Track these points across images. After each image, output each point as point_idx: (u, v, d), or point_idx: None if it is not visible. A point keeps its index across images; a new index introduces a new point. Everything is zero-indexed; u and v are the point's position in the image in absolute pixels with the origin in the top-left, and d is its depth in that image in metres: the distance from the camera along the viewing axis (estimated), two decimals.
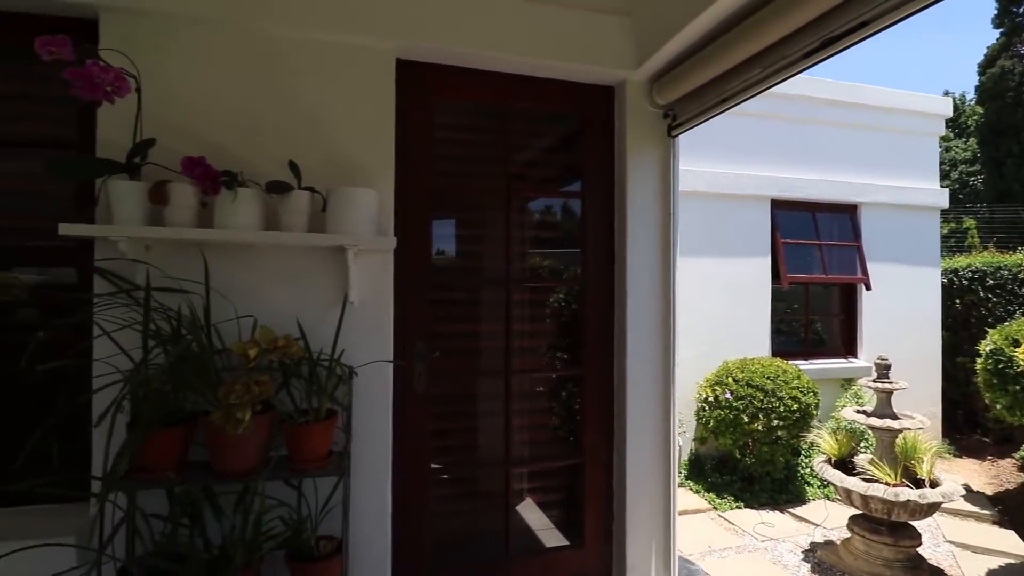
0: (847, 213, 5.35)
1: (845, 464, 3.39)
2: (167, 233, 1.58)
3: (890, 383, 3.39)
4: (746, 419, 4.09)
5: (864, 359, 5.25)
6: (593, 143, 2.31)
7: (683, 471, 4.57)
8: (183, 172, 1.60)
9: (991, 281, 5.85)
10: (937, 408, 5.53)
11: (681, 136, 2.31)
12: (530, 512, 2.55)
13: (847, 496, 3.15)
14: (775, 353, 4.96)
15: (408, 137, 2.06)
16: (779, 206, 5.08)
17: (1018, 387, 3.79)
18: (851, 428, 4.37)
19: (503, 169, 2.26)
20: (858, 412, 3.54)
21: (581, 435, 2.31)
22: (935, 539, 3.68)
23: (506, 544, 2.18)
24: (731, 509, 4.11)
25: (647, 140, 2.29)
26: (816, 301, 5.54)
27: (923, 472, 3.08)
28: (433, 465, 2.14)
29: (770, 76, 1.82)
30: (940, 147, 9.95)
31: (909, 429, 3.21)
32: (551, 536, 2.45)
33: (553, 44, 2.11)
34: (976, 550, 3.54)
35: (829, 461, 3.40)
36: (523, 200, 2.35)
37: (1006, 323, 4.42)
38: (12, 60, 1.89)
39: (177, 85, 1.79)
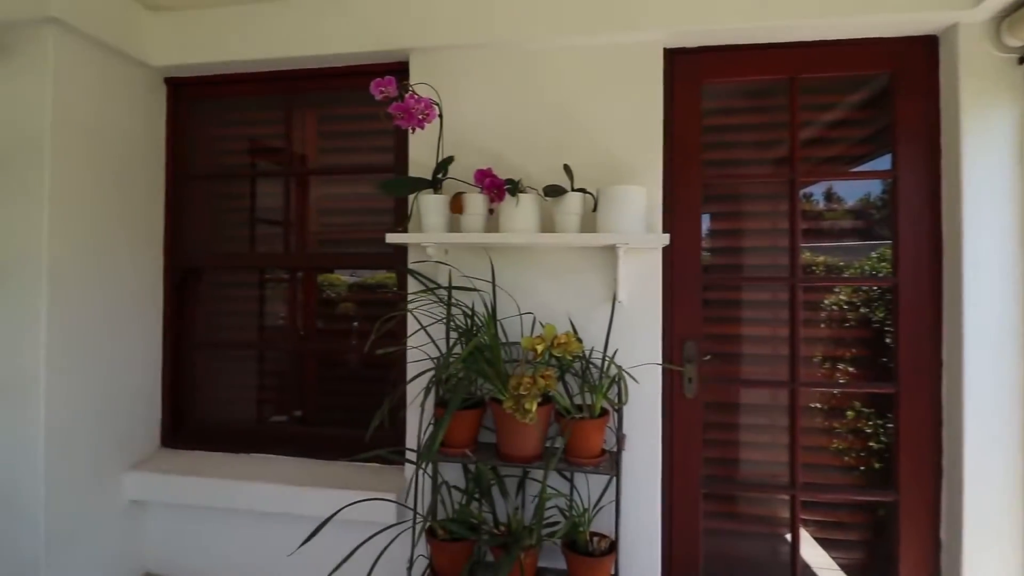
0: None
1: None
2: (464, 238, 1.78)
3: None
4: None
5: None
6: (907, 109, 1.88)
7: None
8: (475, 183, 1.79)
9: None
10: None
11: None
12: (806, 547, 2.20)
13: None
14: None
15: (675, 129, 1.97)
16: None
17: None
18: None
19: (776, 152, 1.99)
20: None
21: (893, 466, 1.90)
22: None
23: None
24: None
25: (992, 97, 1.77)
26: None
27: None
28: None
29: None
30: None
31: None
32: None
33: None
34: None
35: None
36: (799, 186, 2.04)
37: None
38: (346, 105, 2.38)
39: (465, 106, 2.00)
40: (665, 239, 1.73)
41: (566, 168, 1.79)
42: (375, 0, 2.05)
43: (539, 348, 1.51)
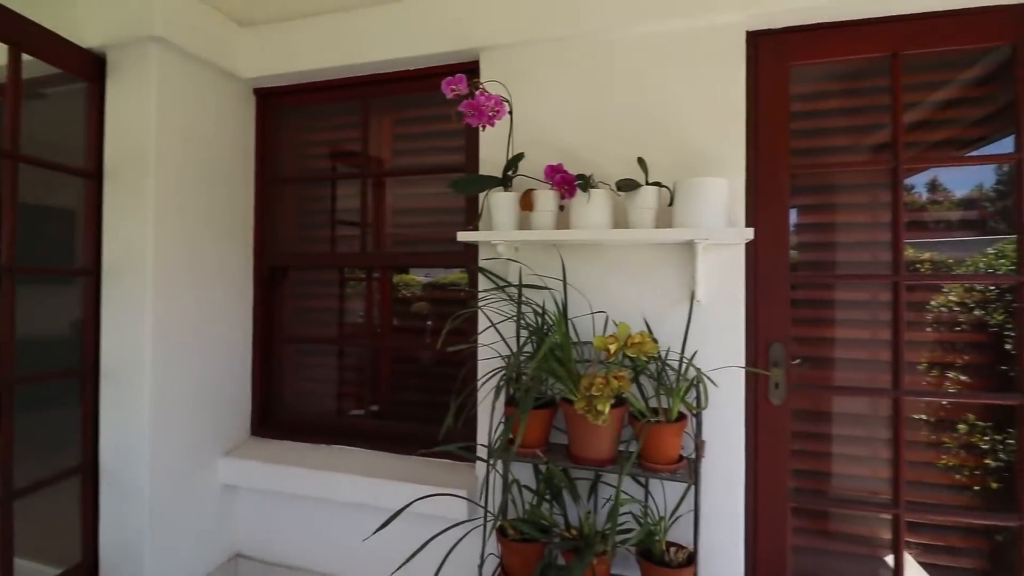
0: None
1: None
2: (534, 235, 1.75)
3: None
4: None
5: None
6: None
7: None
8: (545, 179, 1.76)
9: None
10: None
11: None
12: (911, 572, 1.99)
13: None
14: None
15: (759, 116, 1.84)
16: None
17: None
18: None
19: (875, 137, 1.82)
20: None
21: (1015, 487, 1.68)
22: None
23: None
24: None
25: None
26: None
27: None
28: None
29: None
30: None
31: None
32: None
33: None
34: None
35: None
36: (903, 174, 1.84)
37: None
38: (419, 107, 2.42)
39: (536, 102, 1.98)
40: (748, 234, 1.62)
41: (640, 161, 1.72)
42: (447, 3, 2.08)
43: (612, 348, 1.46)
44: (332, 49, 2.25)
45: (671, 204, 1.71)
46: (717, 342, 1.76)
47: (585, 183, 1.71)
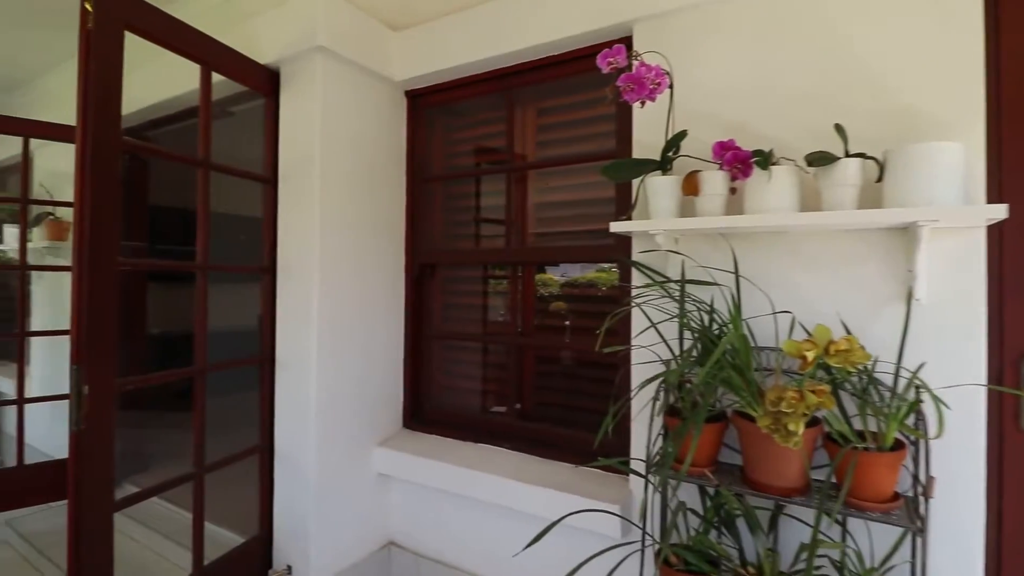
0: None
1: None
2: (702, 223, 1.53)
3: None
4: None
5: None
6: None
7: None
8: (713, 158, 1.53)
9: None
10: None
11: None
12: None
13: None
14: None
15: (1004, 62, 1.42)
16: None
17: None
18: None
19: None
20: None
21: None
22: None
23: None
24: None
25: None
26: None
27: None
28: None
29: None
30: None
31: None
32: None
33: None
34: None
35: None
36: None
37: None
38: (563, 95, 2.29)
39: (699, 73, 1.75)
40: (996, 211, 1.24)
41: (838, 128, 1.41)
42: None
43: (809, 355, 1.19)
44: (476, 42, 2.22)
45: (879, 180, 1.38)
46: (945, 353, 1.39)
47: (764, 160, 1.45)
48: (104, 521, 1.66)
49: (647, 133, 1.82)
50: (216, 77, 2.03)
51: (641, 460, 1.66)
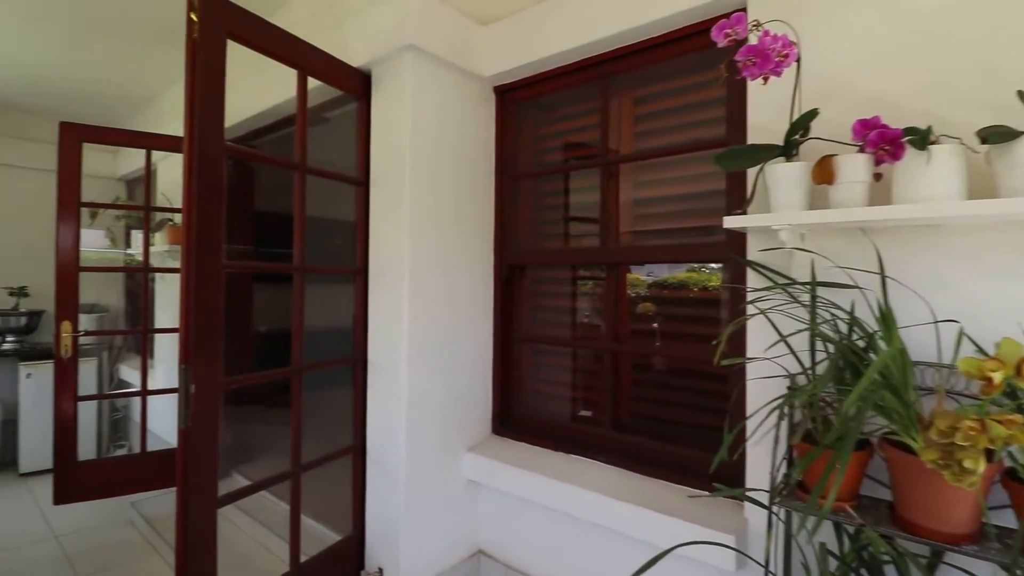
0: None
1: None
2: (837, 216, 1.31)
3: None
4: None
5: None
6: None
7: None
8: (853, 138, 1.31)
9: None
10: None
11: None
12: None
13: None
14: None
15: None
16: None
17: None
18: None
19: None
20: None
21: None
22: None
23: None
24: None
25: None
26: None
27: None
28: None
29: None
30: None
31: None
32: None
33: None
34: None
35: None
36: None
37: None
38: (663, 81, 2.11)
39: (832, 42, 1.52)
40: None
41: (1021, 95, 1.15)
42: None
43: (996, 377, 0.96)
44: (569, 29, 2.10)
45: None
46: None
47: (921, 138, 1.21)
48: (208, 515, 1.71)
49: (765, 115, 1.62)
50: (313, 83, 2.06)
51: (764, 491, 1.45)
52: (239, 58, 1.73)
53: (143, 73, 3.48)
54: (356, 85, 2.23)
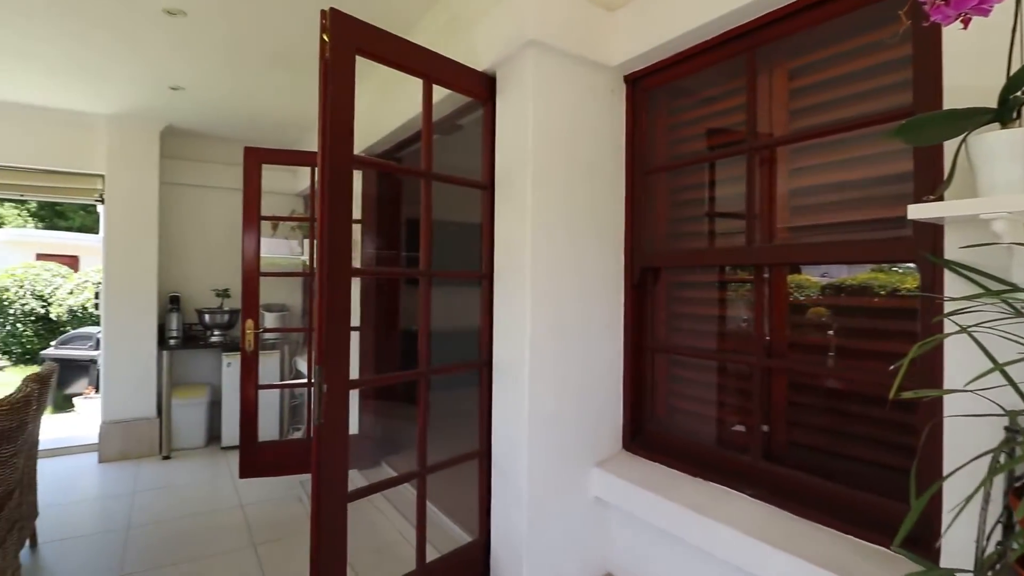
0: None
1: None
2: None
3: None
4: None
5: None
6: None
7: None
8: None
9: None
10: None
11: None
12: None
13: None
14: None
15: None
16: None
17: None
18: None
19: None
20: None
21: None
22: None
23: None
24: None
25: None
26: None
27: None
28: None
29: None
30: None
31: None
32: None
33: None
34: None
35: None
36: None
37: None
38: (825, 46, 1.75)
39: None
40: None
41: None
42: None
43: None
44: (707, 1, 1.85)
45: None
46: None
47: None
48: (338, 506, 1.80)
49: (966, 71, 1.25)
50: (444, 92, 2.09)
51: (967, 571, 1.10)
52: (386, 76, 1.79)
53: (308, 100, 3.91)
54: (481, 89, 2.22)
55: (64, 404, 7.32)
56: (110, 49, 3.11)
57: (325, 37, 1.69)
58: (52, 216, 17.08)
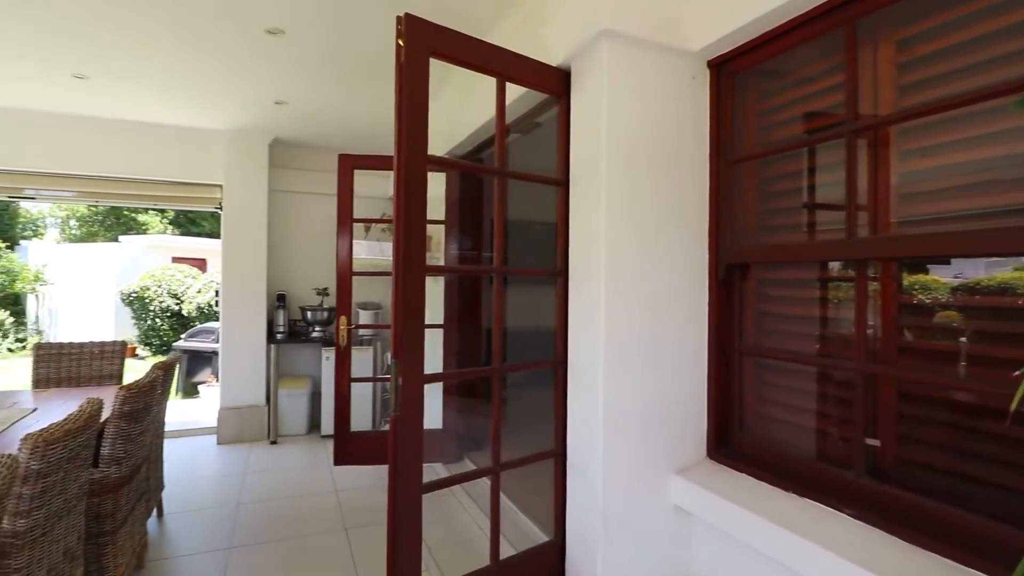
0: None
1: None
2: None
3: None
4: None
5: None
6: None
7: None
8: None
9: None
10: None
11: None
12: None
13: None
14: None
15: None
16: None
17: None
18: None
19: None
20: None
21: None
22: None
23: None
24: None
25: None
26: None
27: None
28: None
29: None
30: None
31: None
32: None
33: None
34: None
35: None
36: None
37: None
38: (942, 9, 1.53)
39: None
40: None
41: None
42: None
43: None
44: None
45: None
46: None
47: None
48: (413, 498, 1.85)
49: None
50: (520, 91, 2.09)
51: None
52: (466, 80, 1.83)
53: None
54: (555, 84, 2.19)
55: (191, 391, 8.22)
56: (219, 70, 3.44)
57: (400, 42, 1.74)
58: (187, 223, 19.28)
